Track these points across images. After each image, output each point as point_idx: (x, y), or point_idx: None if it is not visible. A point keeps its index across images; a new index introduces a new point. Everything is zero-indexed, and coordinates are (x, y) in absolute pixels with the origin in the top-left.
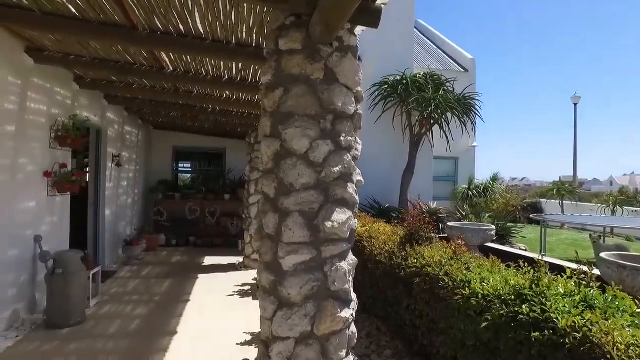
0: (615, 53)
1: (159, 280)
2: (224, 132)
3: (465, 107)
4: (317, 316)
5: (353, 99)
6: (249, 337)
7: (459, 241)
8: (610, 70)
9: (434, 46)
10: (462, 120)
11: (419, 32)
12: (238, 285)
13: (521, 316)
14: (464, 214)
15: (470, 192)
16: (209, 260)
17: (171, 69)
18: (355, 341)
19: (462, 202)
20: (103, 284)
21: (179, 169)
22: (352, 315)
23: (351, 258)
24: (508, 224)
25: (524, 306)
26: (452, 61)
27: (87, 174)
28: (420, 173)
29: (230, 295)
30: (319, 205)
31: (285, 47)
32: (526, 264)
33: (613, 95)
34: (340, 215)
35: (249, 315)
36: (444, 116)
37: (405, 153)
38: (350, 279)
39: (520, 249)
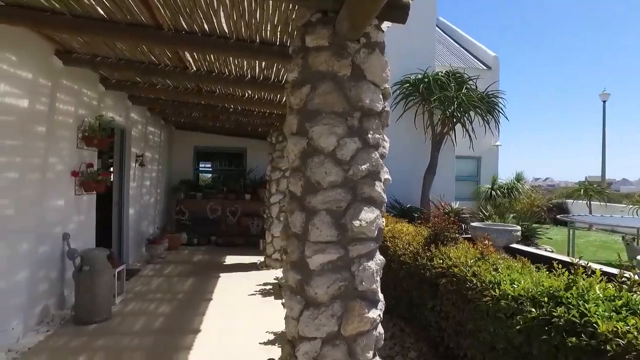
0: None
1: (182, 279)
2: (245, 132)
3: (488, 105)
4: (344, 316)
5: (380, 95)
6: (272, 337)
7: (486, 242)
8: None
9: (456, 44)
10: (486, 118)
11: (441, 30)
12: (259, 285)
13: (556, 319)
14: (487, 214)
15: (493, 192)
16: (230, 260)
17: (194, 68)
18: (382, 342)
19: (485, 202)
20: (127, 282)
21: (200, 168)
22: (379, 315)
23: (379, 258)
24: (533, 225)
25: (559, 309)
26: (474, 59)
27: (112, 174)
28: (442, 173)
29: (252, 295)
30: (346, 203)
31: (312, 44)
32: (560, 266)
33: None
34: (368, 214)
35: (271, 315)
36: (466, 115)
37: (427, 152)
38: (378, 278)
39: (546, 250)
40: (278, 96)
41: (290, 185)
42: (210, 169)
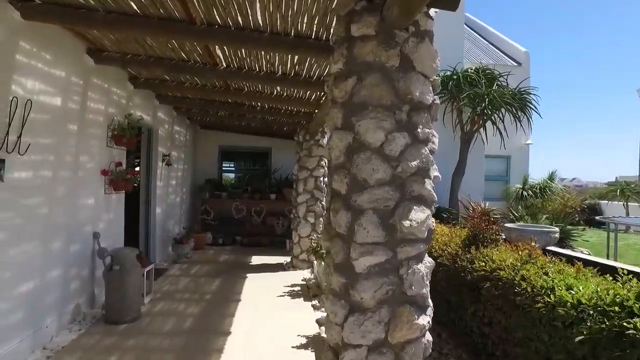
0: None
1: (209, 279)
2: (270, 132)
3: (521, 103)
4: (392, 323)
5: (430, 87)
6: (303, 340)
7: (533, 243)
8: None
9: (485, 41)
10: (517, 116)
11: (469, 27)
12: (288, 286)
13: (632, 331)
14: (518, 215)
15: (525, 192)
16: (256, 260)
17: (224, 65)
18: (430, 350)
19: (516, 202)
20: (155, 282)
21: (225, 168)
22: (428, 322)
23: (428, 260)
24: (567, 227)
25: (636, 320)
26: (504, 55)
27: (139, 173)
28: (471, 172)
29: (280, 296)
30: (394, 202)
31: (358, 33)
32: (625, 272)
33: None
34: (419, 214)
35: (302, 317)
36: (497, 112)
37: (456, 151)
38: (428, 282)
39: (582, 253)
40: (307, 93)
41: (334, 182)
42: (235, 169)
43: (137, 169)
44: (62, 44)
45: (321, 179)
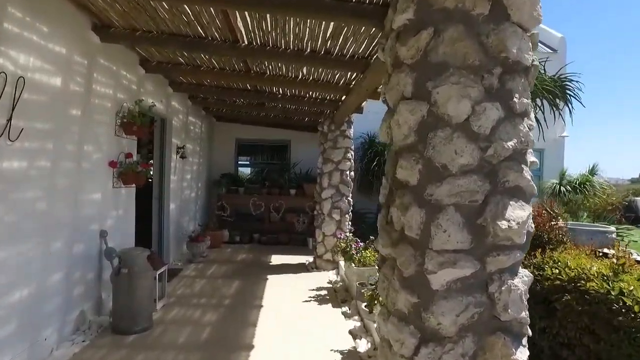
0: None
1: (227, 281)
2: (289, 123)
3: (561, 90)
4: (480, 356)
5: (529, 44)
6: (337, 357)
7: (623, 248)
8: None
9: None
10: (556, 106)
11: None
12: (313, 290)
13: None
14: (555, 212)
15: (562, 188)
16: (276, 259)
17: (246, 42)
18: None
19: (552, 199)
20: (168, 283)
21: (242, 162)
22: (527, 357)
23: (525, 274)
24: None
25: None
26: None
27: (152, 166)
28: None
29: (306, 302)
30: (483, 196)
31: None
32: None
33: None
34: (517, 211)
35: (332, 327)
36: (535, 101)
37: None
38: (526, 303)
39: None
40: (337, 76)
41: (400, 170)
42: (253, 163)
43: (151, 162)
44: (62, 17)
45: (347, 172)
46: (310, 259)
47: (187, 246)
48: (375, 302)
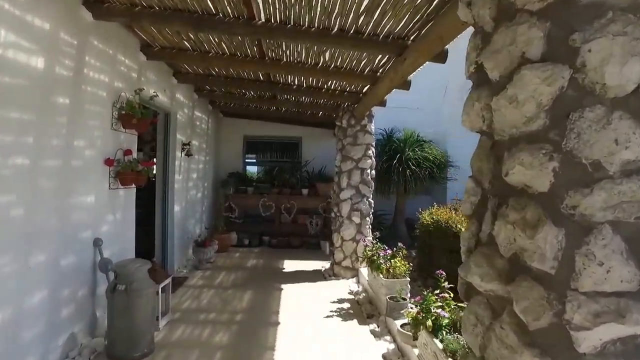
0: None
1: (237, 292)
2: (301, 119)
3: None
4: None
5: None
6: None
7: None
8: None
9: None
10: None
11: None
12: (334, 302)
13: None
14: None
15: None
16: (289, 265)
17: (263, 19)
18: None
19: None
20: (173, 295)
21: (250, 160)
22: None
23: None
24: None
25: None
26: None
27: (154, 164)
28: None
29: (328, 317)
30: None
31: None
32: None
33: None
34: None
35: (362, 349)
36: None
37: None
38: None
39: None
40: (363, 62)
41: (518, 169)
42: (262, 161)
43: (154, 160)
44: None
45: (368, 171)
46: (326, 264)
47: (193, 251)
48: (422, 327)
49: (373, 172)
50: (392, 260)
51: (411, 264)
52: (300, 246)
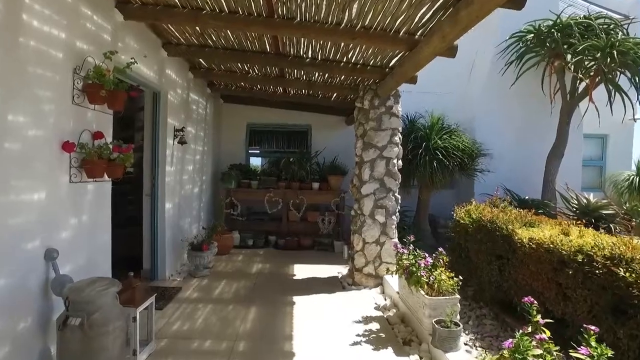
0: None
1: (240, 308)
2: (311, 103)
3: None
4: None
5: None
6: None
7: None
8: None
9: None
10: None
11: None
12: (359, 322)
13: None
14: (626, 208)
15: None
16: (300, 270)
17: None
18: None
19: (626, 194)
20: (162, 311)
21: (254, 151)
22: None
23: None
24: None
25: None
26: (604, 10)
27: (131, 149)
28: (566, 154)
29: (355, 344)
30: None
31: None
32: None
33: None
34: None
35: None
36: (615, 73)
37: (550, 127)
38: None
39: None
40: (401, 18)
41: None
42: (267, 152)
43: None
44: None
45: (394, 161)
46: (343, 270)
47: (189, 256)
48: None
49: (400, 162)
50: (434, 272)
51: (459, 277)
52: (311, 247)
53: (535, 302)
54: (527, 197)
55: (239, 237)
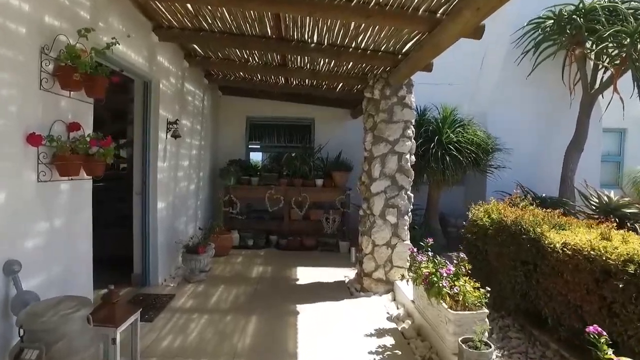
0: None
1: (238, 318)
2: (314, 95)
3: None
4: None
5: None
6: None
7: None
8: None
9: None
10: None
11: None
12: (371, 335)
13: None
14: None
15: None
16: (303, 274)
17: None
18: None
19: None
20: (151, 323)
21: (254, 146)
22: None
23: None
24: None
25: None
26: None
27: (112, 143)
28: (584, 150)
29: None
30: None
31: None
32: None
33: None
34: None
35: None
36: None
37: (568, 120)
38: None
39: None
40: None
41: None
42: (268, 147)
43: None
44: None
45: (407, 156)
46: (350, 273)
47: (184, 259)
48: None
49: (412, 157)
50: (457, 282)
51: (485, 288)
52: (315, 247)
53: (604, 333)
54: (544, 195)
55: (239, 237)
